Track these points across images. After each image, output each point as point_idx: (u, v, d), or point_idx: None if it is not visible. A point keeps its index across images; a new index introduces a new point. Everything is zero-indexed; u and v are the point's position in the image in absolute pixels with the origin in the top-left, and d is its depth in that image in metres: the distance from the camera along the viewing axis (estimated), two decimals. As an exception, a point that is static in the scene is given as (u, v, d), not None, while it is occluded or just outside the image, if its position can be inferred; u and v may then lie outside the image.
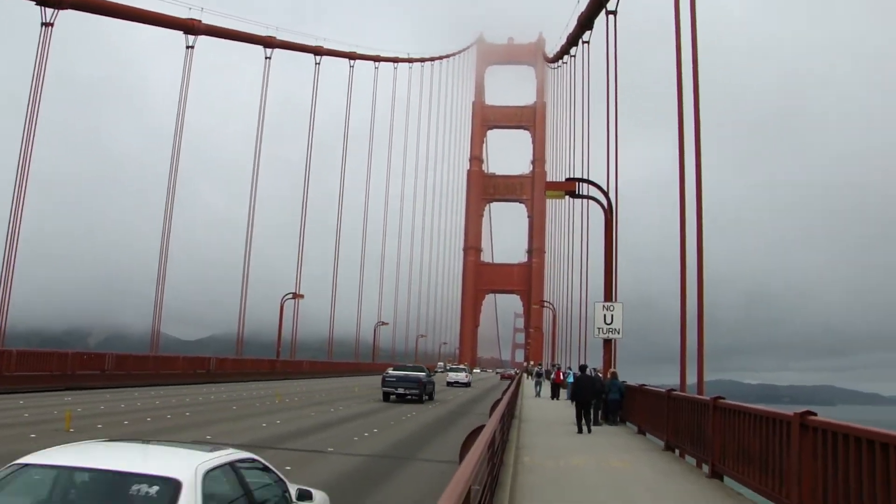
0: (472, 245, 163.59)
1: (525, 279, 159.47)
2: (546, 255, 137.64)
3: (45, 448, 4.88)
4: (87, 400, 25.73)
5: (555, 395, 37.81)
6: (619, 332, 23.44)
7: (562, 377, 39.64)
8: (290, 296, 68.75)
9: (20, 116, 43.48)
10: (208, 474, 4.55)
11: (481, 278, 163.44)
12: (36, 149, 43.26)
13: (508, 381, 57.08)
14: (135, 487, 4.23)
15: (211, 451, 5.02)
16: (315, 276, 78.51)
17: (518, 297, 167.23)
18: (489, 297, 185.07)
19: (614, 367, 24.13)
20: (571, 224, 70.23)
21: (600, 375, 23.60)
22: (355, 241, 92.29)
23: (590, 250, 52.37)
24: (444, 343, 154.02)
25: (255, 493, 4.92)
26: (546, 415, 25.59)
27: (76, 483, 4.43)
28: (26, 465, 4.59)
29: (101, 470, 4.41)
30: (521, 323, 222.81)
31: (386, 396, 32.56)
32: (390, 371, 34.08)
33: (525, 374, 75.18)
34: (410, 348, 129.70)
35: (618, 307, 23.70)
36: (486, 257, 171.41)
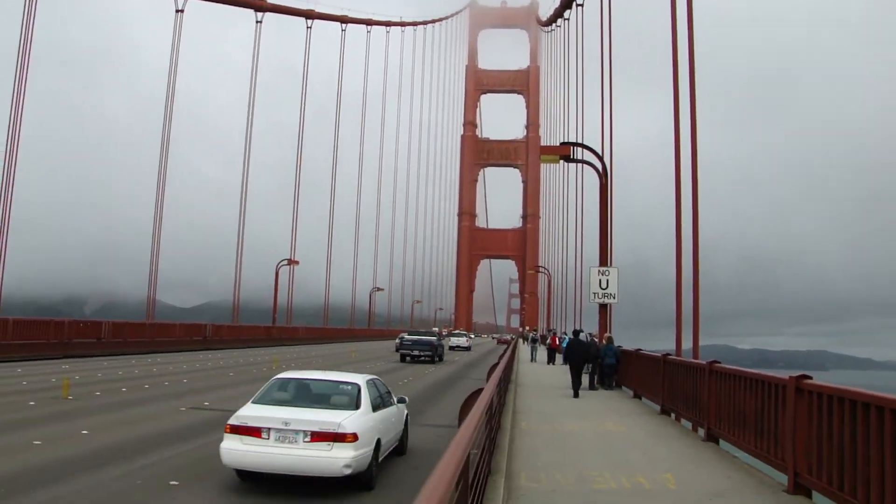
0: (466, 210, 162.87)
1: (520, 244, 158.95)
2: (541, 220, 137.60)
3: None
4: (85, 368, 25.97)
5: (551, 359, 38.00)
6: (614, 297, 23.42)
7: (557, 342, 39.85)
8: (286, 262, 68.66)
9: (8, 83, 42.98)
10: (368, 382, 9.73)
11: (476, 244, 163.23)
12: (26, 115, 42.88)
13: (505, 346, 58.69)
14: (341, 386, 9.20)
15: (363, 374, 10.29)
16: (310, 242, 79.94)
17: (513, 262, 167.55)
18: (484, 263, 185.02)
19: (610, 332, 24.08)
20: (566, 189, 70.08)
21: (596, 340, 23.46)
22: (350, 208, 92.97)
23: (585, 215, 52.70)
24: (440, 309, 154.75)
25: (383, 395, 10.05)
26: (542, 379, 25.59)
27: (310, 385, 9.28)
28: (280, 378, 9.52)
29: (322, 378, 9.48)
30: (516, 288, 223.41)
31: (403, 357, 37.12)
32: (406, 335, 38.88)
33: (521, 340, 75.98)
34: (406, 314, 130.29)
35: (613, 272, 23.65)
36: (480, 222, 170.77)
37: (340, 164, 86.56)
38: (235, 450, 8.21)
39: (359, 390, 9.36)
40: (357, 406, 9.03)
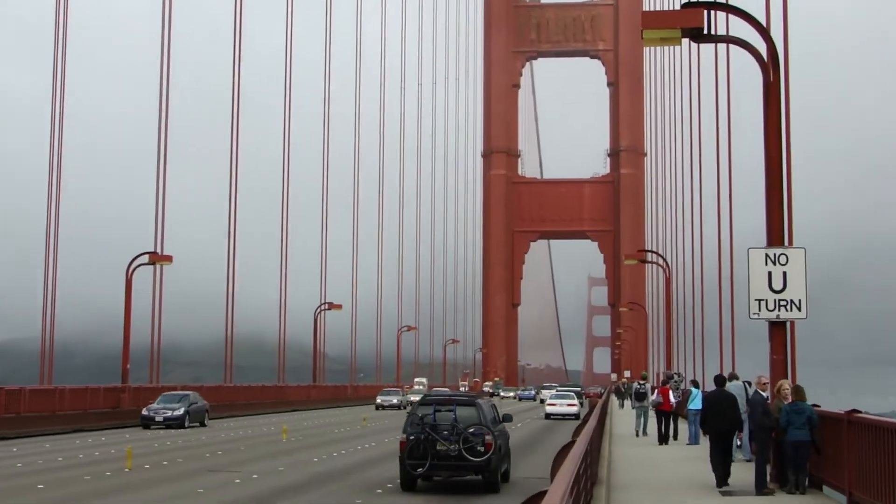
0: (499, 145, 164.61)
1: (607, 209, 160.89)
2: (646, 159, 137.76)
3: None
4: None
5: (664, 434, 40.33)
6: (799, 308, 23.37)
7: (672, 399, 41.95)
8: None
9: None
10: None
11: (519, 209, 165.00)
12: None
13: (579, 409, 65.14)
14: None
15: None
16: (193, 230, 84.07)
17: (595, 245, 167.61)
18: (536, 249, 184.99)
19: (791, 379, 23.96)
20: (696, 94, 70.65)
21: (762, 394, 24.34)
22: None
23: (737, 145, 52.61)
24: (453, 341, 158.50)
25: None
26: (657, 473, 27.12)
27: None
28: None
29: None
30: (600, 295, 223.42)
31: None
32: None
33: (615, 396, 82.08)
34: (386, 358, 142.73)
35: (795, 256, 23.72)
36: (528, 169, 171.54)
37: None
38: None
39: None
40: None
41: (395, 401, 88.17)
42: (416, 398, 73.78)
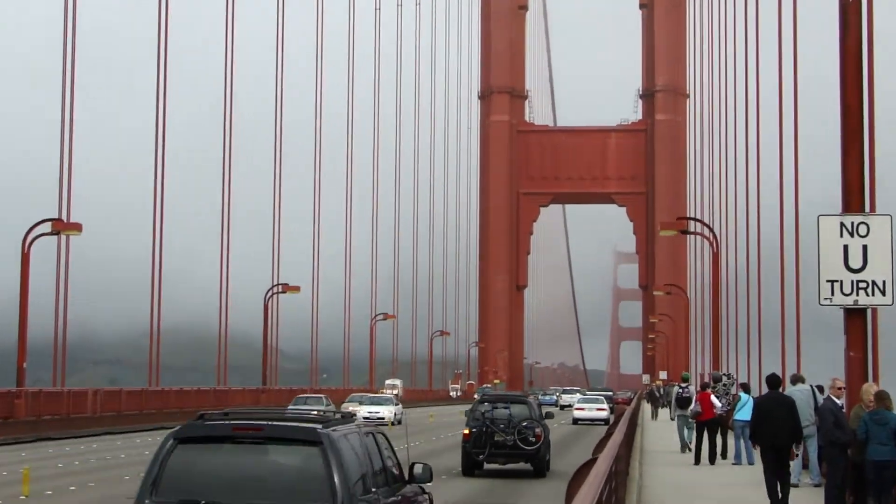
0: (499, 84, 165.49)
1: (638, 165, 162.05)
2: (690, 101, 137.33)
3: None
4: None
5: (712, 452, 41.38)
6: (883, 291, 23.47)
7: (715, 404, 42.78)
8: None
9: None
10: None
11: (527, 165, 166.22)
12: None
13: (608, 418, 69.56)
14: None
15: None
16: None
17: (623, 211, 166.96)
18: (548, 216, 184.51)
19: (874, 382, 24.50)
20: (755, 16, 70.68)
21: (836, 401, 24.26)
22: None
23: (805, 90, 52.46)
24: (441, 334, 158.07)
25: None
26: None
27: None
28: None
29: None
30: (630, 275, 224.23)
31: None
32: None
33: (648, 402, 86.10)
34: (357, 350, 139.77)
35: (878, 226, 23.85)
36: (539, 114, 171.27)
37: None
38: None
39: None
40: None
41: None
42: (356, 407, 77.84)
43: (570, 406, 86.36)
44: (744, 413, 37.25)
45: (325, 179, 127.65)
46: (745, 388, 44.21)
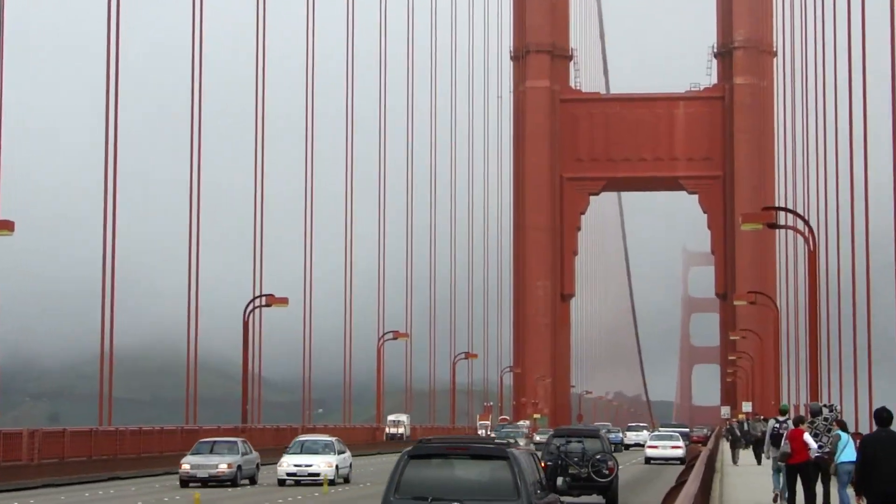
0: (538, 42, 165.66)
1: (713, 142, 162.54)
2: (777, 60, 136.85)
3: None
4: None
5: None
6: None
7: (808, 444, 42.97)
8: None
9: None
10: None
11: (573, 142, 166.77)
12: None
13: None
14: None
15: None
16: None
17: (696, 199, 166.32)
18: (600, 206, 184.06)
19: None
20: None
21: None
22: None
23: None
24: (513, 370, 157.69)
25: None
26: None
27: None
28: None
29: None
30: (704, 280, 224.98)
31: None
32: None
33: (728, 441, 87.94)
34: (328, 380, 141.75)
35: None
36: (588, 80, 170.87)
37: None
38: None
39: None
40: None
41: (221, 467, 77.07)
42: (288, 463, 77.67)
43: (637, 445, 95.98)
44: (848, 454, 37.27)
45: (320, 166, 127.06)
46: (843, 425, 44.01)
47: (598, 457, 52.30)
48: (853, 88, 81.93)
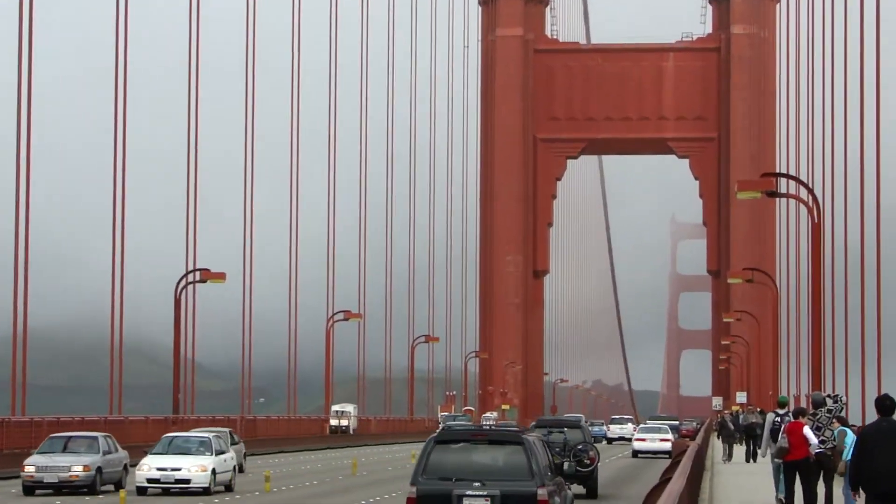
0: None
1: (706, 99, 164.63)
2: (780, 6, 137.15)
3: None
4: None
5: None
6: None
7: (808, 439, 43.49)
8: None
9: None
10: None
11: (548, 98, 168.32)
12: None
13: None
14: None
15: None
16: None
17: (686, 163, 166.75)
18: (578, 171, 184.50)
19: None
20: None
21: None
22: None
23: None
24: (479, 355, 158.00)
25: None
26: None
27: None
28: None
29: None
30: (694, 255, 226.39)
31: None
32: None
33: (719, 437, 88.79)
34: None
35: None
36: (564, 28, 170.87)
37: None
38: None
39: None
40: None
41: (76, 470, 72.04)
42: (150, 466, 71.62)
43: (620, 439, 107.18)
44: (852, 447, 37.24)
45: (262, 124, 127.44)
46: (843, 420, 44.93)
47: (579, 447, 58.88)
48: (865, 40, 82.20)
